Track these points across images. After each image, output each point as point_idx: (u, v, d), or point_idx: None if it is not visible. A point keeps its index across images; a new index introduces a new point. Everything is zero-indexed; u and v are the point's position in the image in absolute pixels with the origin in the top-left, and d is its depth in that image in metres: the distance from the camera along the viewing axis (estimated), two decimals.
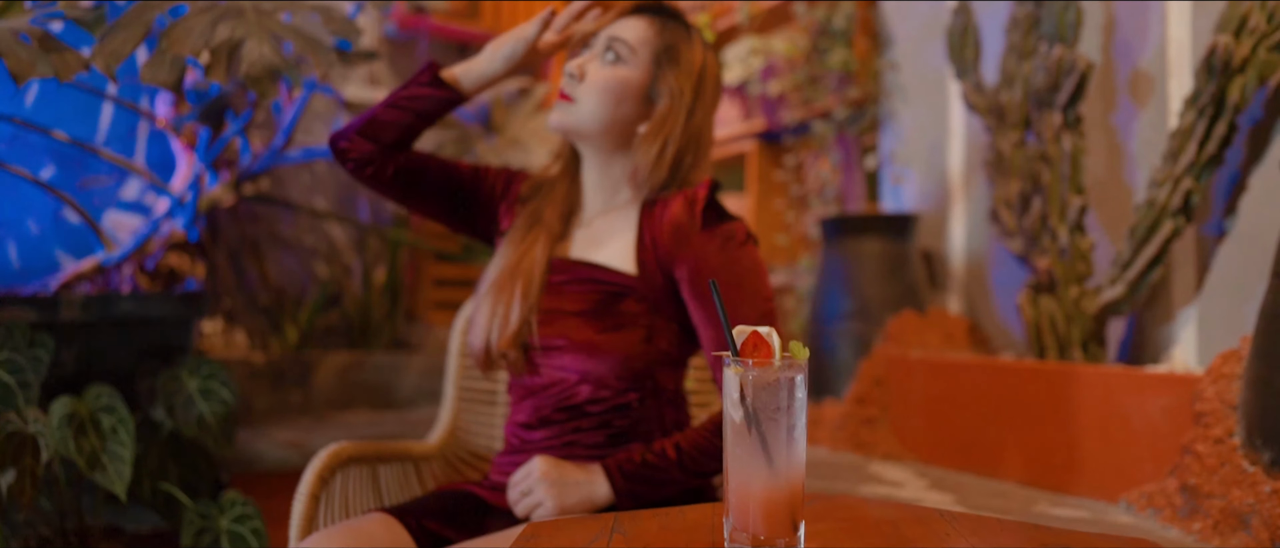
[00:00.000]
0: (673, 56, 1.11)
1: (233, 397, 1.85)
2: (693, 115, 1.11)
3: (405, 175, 1.18)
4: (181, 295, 2.02)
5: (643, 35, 1.11)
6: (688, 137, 1.11)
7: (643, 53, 1.10)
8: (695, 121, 1.11)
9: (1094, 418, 1.56)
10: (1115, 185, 1.88)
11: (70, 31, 2.28)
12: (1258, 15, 1.50)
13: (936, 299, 2.31)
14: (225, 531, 1.63)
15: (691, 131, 1.11)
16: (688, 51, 1.12)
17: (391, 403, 2.66)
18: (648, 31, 1.11)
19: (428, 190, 1.20)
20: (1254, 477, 1.22)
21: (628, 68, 1.09)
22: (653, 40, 1.11)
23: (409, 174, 1.18)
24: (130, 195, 2.57)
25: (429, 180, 1.19)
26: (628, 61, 1.10)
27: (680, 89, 1.10)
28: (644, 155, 1.10)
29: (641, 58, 1.10)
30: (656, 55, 1.10)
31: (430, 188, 1.20)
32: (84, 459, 1.56)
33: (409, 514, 1.12)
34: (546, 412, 1.12)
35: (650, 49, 1.10)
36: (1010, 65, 1.89)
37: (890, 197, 2.50)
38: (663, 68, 1.10)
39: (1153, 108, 1.81)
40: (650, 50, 1.10)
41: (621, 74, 1.09)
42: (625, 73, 1.09)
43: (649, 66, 1.10)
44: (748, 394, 0.72)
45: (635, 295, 1.09)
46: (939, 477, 1.76)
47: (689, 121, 1.11)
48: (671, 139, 1.10)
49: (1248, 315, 1.62)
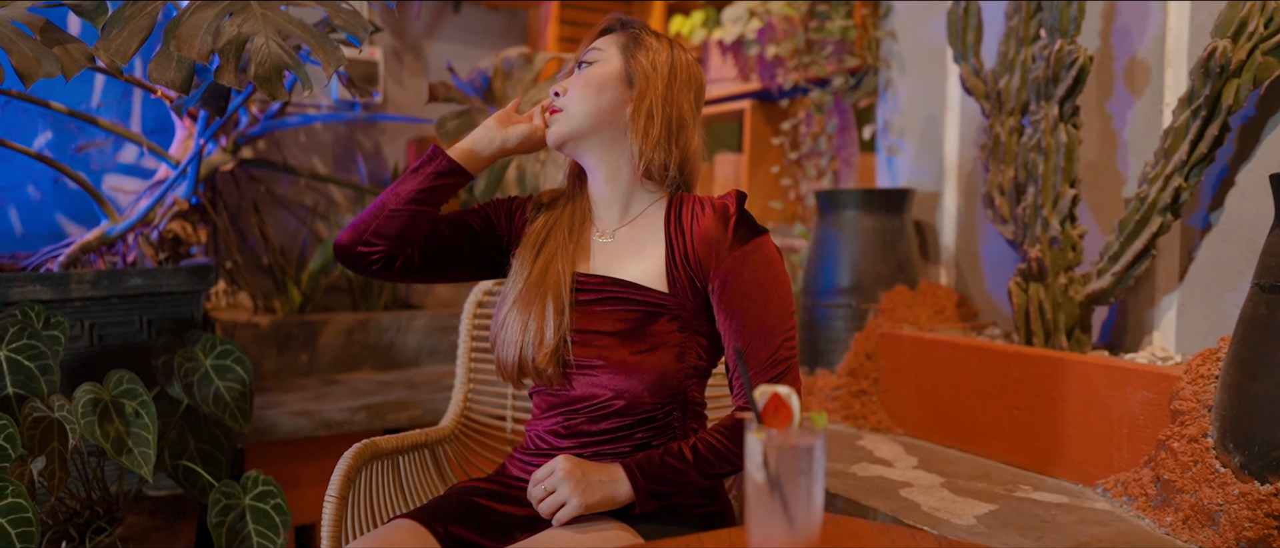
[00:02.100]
0: (638, 42, 1.20)
1: (248, 374, 1.91)
2: (671, 86, 1.18)
3: (432, 256, 1.24)
4: (190, 268, 2.06)
5: (609, 40, 1.21)
6: (672, 106, 1.18)
7: (611, 50, 1.19)
8: (675, 93, 1.18)
9: (1076, 405, 1.65)
10: (1107, 171, 1.93)
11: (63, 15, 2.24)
12: (1256, 19, 1.52)
13: (927, 271, 2.38)
14: (248, 507, 1.71)
15: (674, 102, 1.18)
16: (651, 38, 1.21)
17: (396, 362, 2.72)
18: (613, 37, 1.21)
19: (452, 257, 1.26)
20: (1224, 478, 1.31)
21: (602, 64, 1.19)
22: (619, 39, 1.20)
23: (434, 252, 1.24)
24: (128, 158, 2.56)
25: (452, 248, 1.25)
26: (599, 60, 1.19)
27: (652, 63, 1.18)
28: (635, 131, 1.17)
29: (611, 53, 1.19)
30: (623, 46, 1.19)
31: (454, 255, 1.26)
32: (110, 444, 1.62)
33: (436, 520, 1.18)
34: (576, 424, 1.18)
35: (617, 45, 1.20)
36: (1009, 50, 1.90)
37: (884, 167, 2.53)
38: (631, 53, 1.19)
39: (1148, 97, 1.84)
40: (617, 45, 1.20)
41: (597, 69, 1.18)
42: (600, 68, 1.18)
43: (619, 56, 1.19)
44: (770, 460, 0.78)
45: (669, 315, 1.14)
46: (927, 454, 1.86)
47: (669, 91, 1.18)
48: (656, 107, 1.17)
49: (1226, 306, 1.69)
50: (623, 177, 1.20)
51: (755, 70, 2.95)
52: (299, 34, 1.50)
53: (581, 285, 1.18)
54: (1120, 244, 1.71)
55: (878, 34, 2.48)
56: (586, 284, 1.18)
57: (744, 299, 1.12)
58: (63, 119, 2.42)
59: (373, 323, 2.69)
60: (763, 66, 2.90)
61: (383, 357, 2.71)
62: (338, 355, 2.64)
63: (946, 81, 2.33)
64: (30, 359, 1.65)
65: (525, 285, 1.20)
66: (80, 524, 1.76)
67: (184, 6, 1.54)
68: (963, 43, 1.99)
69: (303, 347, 2.59)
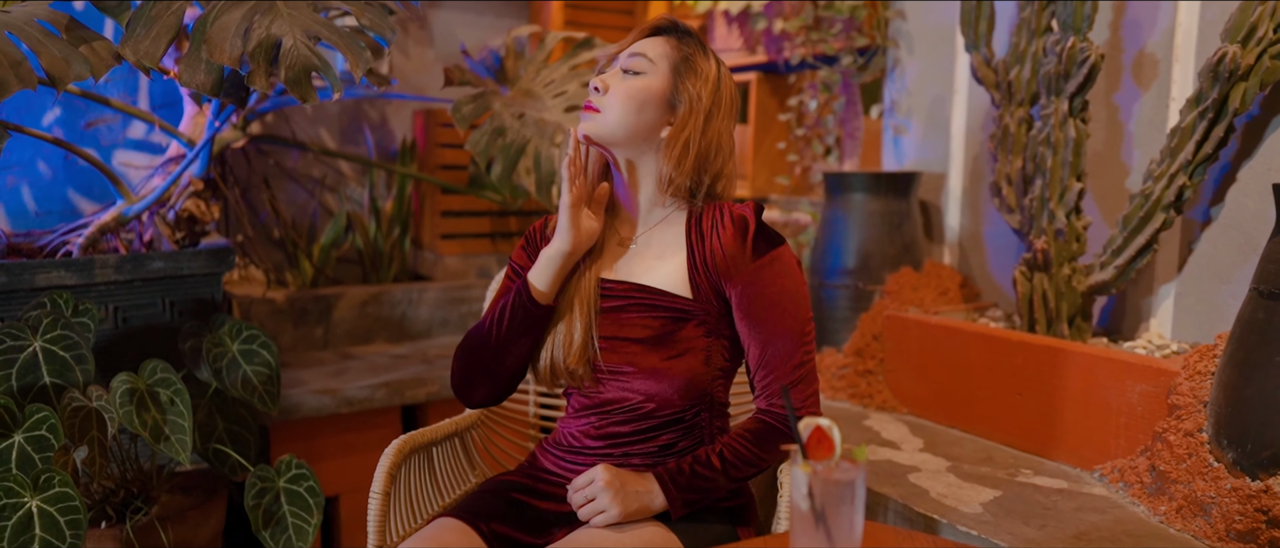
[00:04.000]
0: (690, 66, 1.20)
1: (274, 359, 1.96)
2: (711, 120, 1.20)
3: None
4: (211, 251, 2.09)
5: (661, 49, 1.20)
6: (708, 140, 1.20)
7: (661, 65, 1.19)
8: (714, 126, 1.20)
9: (1077, 392, 1.72)
10: (1112, 161, 1.98)
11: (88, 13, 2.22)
12: (1266, 23, 1.56)
13: (932, 251, 2.43)
14: (283, 490, 1.77)
15: (711, 135, 1.20)
16: (703, 63, 1.21)
17: (408, 334, 2.78)
18: (665, 47, 1.20)
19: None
20: (1217, 472, 1.39)
21: (648, 78, 1.18)
22: (670, 53, 1.20)
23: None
24: (137, 134, 2.56)
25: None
26: (648, 73, 1.19)
27: (698, 94, 1.19)
28: (668, 157, 1.19)
29: (660, 69, 1.19)
30: (675, 66, 1.19)
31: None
32: (149, 432, 1.68)
33: (479, 518, 1.24)
34: (609, 426, 1.24)
35: (668, 61, 1.19)
36: (1021, 41, 1.93)
37: (891, 145, 2.57)
38: (681, 76, 1.19)
39: (1155, 91, 1.89)
40: (668, 62, 1.19)
41: (642, 83, 1.18)
42: (646, 82, 1.18)
43: (668, 76, 1.19)
44: (816, 492, 0.85)
45: (695, 320, 1.19)
46: (932, 435, 1.94)
47: (708, 125, 1.20)
48: (692, 141, 1.19)
49: (1222, 298, 1.77)
50: (647, 185, 1.23)
51: (762, 43, 2.96)
52: (327, 35, 1.51)
53: (607, 292, 1.22)
54: (1124, 238, 1.77)
55: (887, 13, 2.49)
56: (612, 290, 1.22)
57: (763, 309, 1.17)
58: (71, 95, 2.41)
59: (385, 296, 2.74)
60: (769, 40, 2.90)
61: (396, 329, 2.76)
62: (352, 328, 2.69)
63: (955, 64, 2.35)
64: (65, 349, 1.69)
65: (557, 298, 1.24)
66: (117, 504, 1.83)
67: (210, 4, 1.55)
68: (975, 32, 2.02)
69: (318, 321, 2.64)
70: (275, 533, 1.73)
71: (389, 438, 2.32)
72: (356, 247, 2.85)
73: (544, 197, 2.12)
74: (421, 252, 3.02)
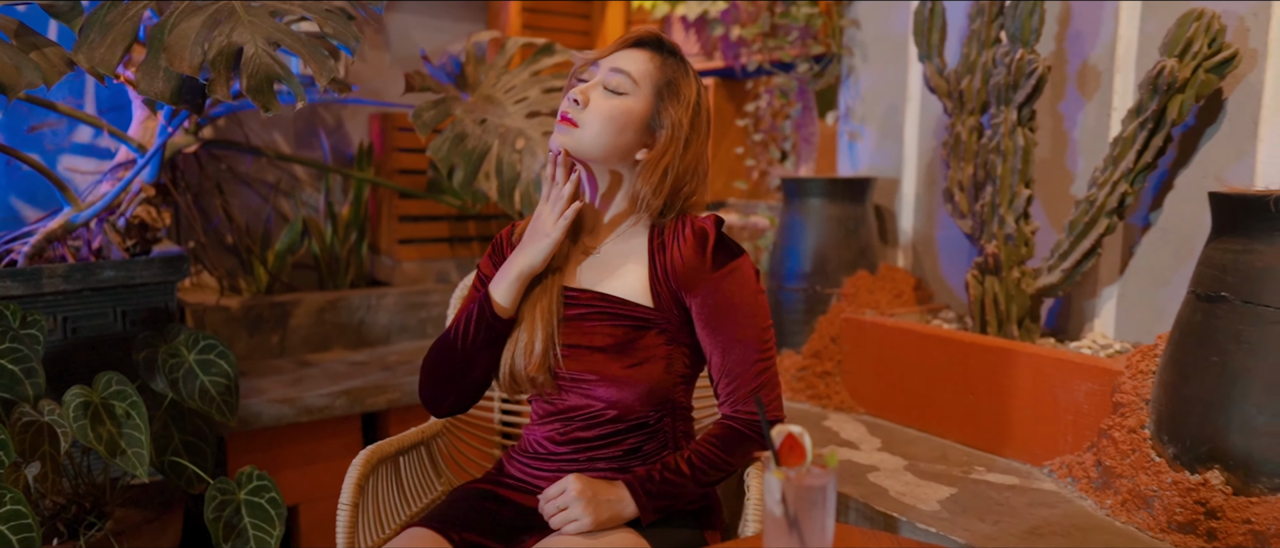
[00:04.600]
0: (673, 90, 1.20)
1: (233, 368, 1.93)
2: (691, 145, 1.21)
3: None
4: (164, 258, 2.05)
5: (645, 68, 1.19)
6: (686, 164, 1.21)
7: (645, 86, 1.19)
8: (693, 150, 1.21)
9: (1027, 392, 1.79)
10: (1057, 168, 2.05)
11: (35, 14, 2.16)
12: (1201, 39, 1.64)
13: (886, 253, 2.50)
14: (244, 502, 1.75)
15: (690, 160, 1.21)
16: (686, 86, 1.21)
17: (366, 340, 2.75)
18: (649, 65, 1.19)
19: None
20: (1159, 467, 1.46)
21: (630, 99, 1.18)
22: (654, 74, 1.19)
23: None
24: (84, 138, 2.50)
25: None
26: (631, 94, 1.18)
27: (679, 120, 1.19)
28: (645, 182, 1.20)
29: (643, 91, 1.18)
30: (658, 88, 1.19)
31: None
32: (104, 447, 1.64)
33: (451, 527, 1.25)
34: (572, 432, 1.25)
35: (652, 83, 1.19)
36: (971, 52, 2.00)
37: (845, 151, 2.63)
38: (664, 100, 1.19)
39: (1098, 100, 1.97)
40: (652, 84, 1.19)
41: (625, 105, 1.17)
42: (628, 104, 1.18)
43: (650, 99, 1.19)
44: (789, 498, 0.87)
45: (656, 328, 1.20)
46: (888, 434, 1.99)
47: (687, 151, 1.21)
48: (671, 168, 1.20)
49: (1161, 299, 1.85)
50: (619, 200, 1.24)
51: (719, 48, 3.00)
52: (290, 42, 1.50)
53: (570, 300, 1.23)
54: (1070, 243, 1.84)
55: (842, 22, 2.55)
56: (575, 299, 1.23)
57: (723, 318, 1.19)
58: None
59: (343, 302, 2.71)
60: (727, 46, 2.94)
61: (354, 335, 2.73)
62: (309, 335, 2.66)
63: (908, 72, 2.42)
64: (13, 362, 1.64)
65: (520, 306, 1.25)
66: (69, 520, 1.78)
67: (166, 10, 1.52)
68: (927, 43, 2.08)
69: (274, 328, 2.60)
70: (237, 546, 1.70)
71: (350, 447, 2.33)
72: (313, 252, 2.81)
73: (506, 203, 2.12)
74: (379, 257, 3.00)
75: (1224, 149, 1.73)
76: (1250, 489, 1.35)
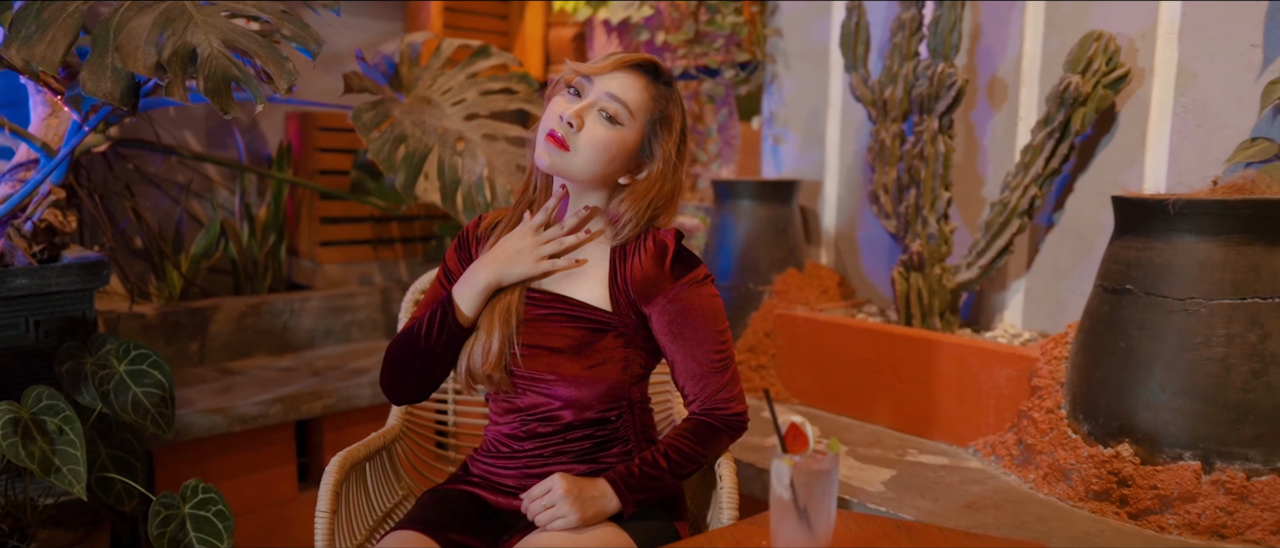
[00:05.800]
0: (665, 122, 1.24)
1: (168, 379, 1.85)
2: (676, 171, 1.26)
3: None
4: (82, 265, 1.95)
5: (641, 100, 1.22)
6: (667, 190, 1.26)
7: (640, 118, 1.22)
8: (676, 176, 1.27)
9: (951, 379, 1.94)
10: (970, 172, 2.23)
11: None
12: (1100, 57, 1.83)
13: (811, 252, 2.63)
14: (189, 516, 1.69)
15: (671, 186, 1.27)
16: (676, 117, 1.26)
17: (290, 346, 2.67)
18: (644, 96, 1.22)
19: None
20: (1075, 443, 1.63)
21: (625, 131, 1.21)
22: (649, 106, 1.22)
23: None
24: None
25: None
26: (626, 126, 1.21)
27: (668, 153, 1.24)
28: (630, 208, 1.24)
29: (638, 123, 1.22)
30: (651, 121, 1.23)
31: None
32: (37, 465, 1.56)
33: (436, 528, 1.26)
34: (532, 427, 1.29)
35: (646, 115, 1.22)
36: (893, 64, 2.14)
37: (770, 154, 2.75)
38: (655, 132, 1.23)
39: (1006, 111, 2.14)
40: (646, 116, 1.22)
41: (618, 137, 1.21)
42: (622, 136, 1.21)
43: (642, 130, 1.23)
44: (797, 483, 0.95)
45: (614, 331, 1.26)
46: (825, 423, 2.11)
47: (672, 178, 1.26)
48: (656, 194, 1.25)
49: (1063, 292, 2.04)
50: (595, 216, 1.28)
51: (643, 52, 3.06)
52: (246, 45, 1.47)
53: (531, 300, 1.27)
54: (986, 242, 2.00)
55: (765, 31, 2.66)
56: (537, 299, 1.27)
57: (684, 325, 1.25)
58: None
59: (265, 307, 2.62)
60: (651, 51, 3.01)
61: (277, 341, 2.65)
62: (230, 342, 2.56)
63: (829, 80, 2.55)
64: None
65: None
66: None
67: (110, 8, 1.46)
68: (853, 54, 2.21)
69: (193, 335, 2.49)
70: None
71: (285, 455, 2.28)
72: (229, 256, 2.71)
73: (449, 205, 2.12)
74: (298, 260, 2.91)
75: (1117, 157, 1.93)
76: (1156, 459, 1.52)
